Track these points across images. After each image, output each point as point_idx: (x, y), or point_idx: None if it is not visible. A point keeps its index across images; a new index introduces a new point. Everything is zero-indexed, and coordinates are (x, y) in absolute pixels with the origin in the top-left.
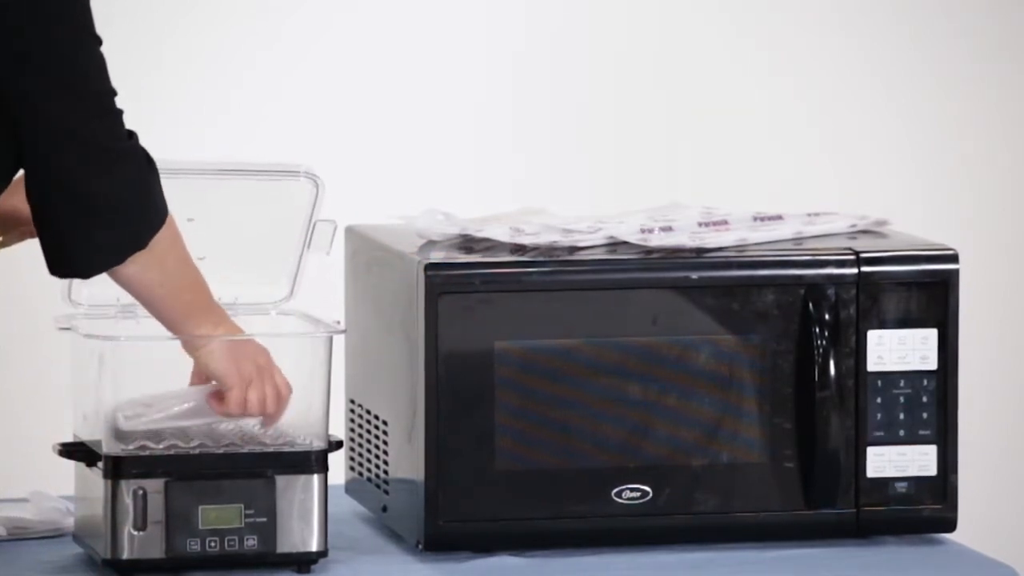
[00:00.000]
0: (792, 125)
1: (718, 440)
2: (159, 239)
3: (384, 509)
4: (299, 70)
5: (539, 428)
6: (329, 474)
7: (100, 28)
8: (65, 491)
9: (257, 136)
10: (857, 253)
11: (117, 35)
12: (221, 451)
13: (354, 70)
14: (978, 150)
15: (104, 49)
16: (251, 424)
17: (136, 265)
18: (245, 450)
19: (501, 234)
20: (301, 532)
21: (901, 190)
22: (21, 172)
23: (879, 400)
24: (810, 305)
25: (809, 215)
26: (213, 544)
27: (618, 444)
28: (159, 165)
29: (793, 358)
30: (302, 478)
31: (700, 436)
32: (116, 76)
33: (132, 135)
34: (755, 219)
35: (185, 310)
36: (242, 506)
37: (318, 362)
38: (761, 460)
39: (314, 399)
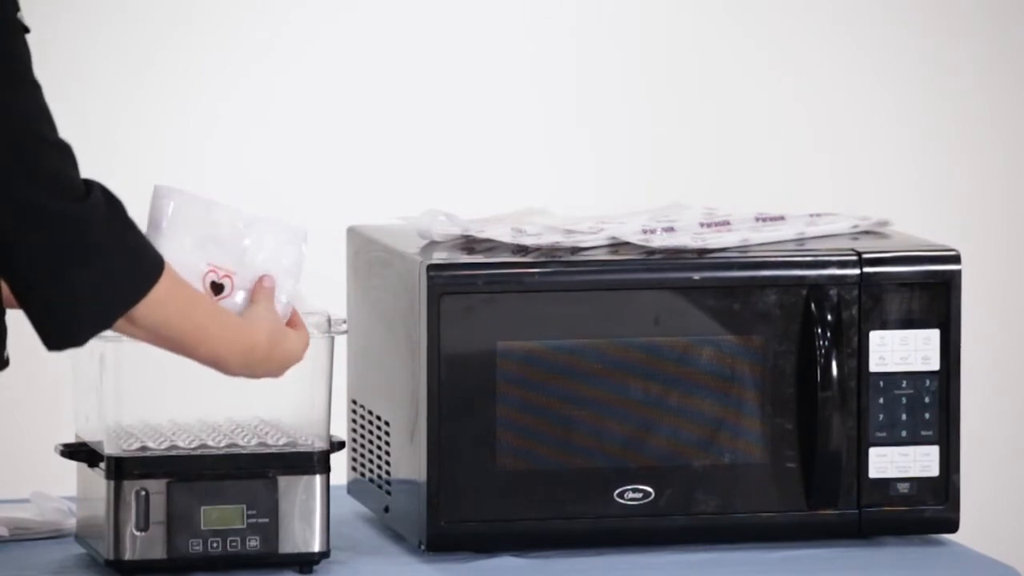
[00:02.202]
0: (792, 125)
1: (720, 441)
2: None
3: (386, 510)
4: (299, 70)
5: (541, 429)
6: (331, 475)
7: (100, 29)
8: (67, 492)
9: (257, 136)
10: (859, 254)
11: (117, 36)
12: (223, 451)
13: (355, 70)
14: (978, 150)
15: (104, 50)
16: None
17: (133, 327)
18: (247, 451)
19: (503, 235)
20: (303, 533)
21: (901, 190)
22: None
23: (881, 401)
24: (812, 306)
25: (811, 216)
26: (215, 545)
27: (620, 445)
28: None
29: (795, 359)
30: (304, 479)
31: (702, 437)
32: (116, 77)
33: (90, 187)
34: (757, 220)
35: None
36: (244, 507)
37: (320, 363)
38: (763, 461)
39: (316, 400)
